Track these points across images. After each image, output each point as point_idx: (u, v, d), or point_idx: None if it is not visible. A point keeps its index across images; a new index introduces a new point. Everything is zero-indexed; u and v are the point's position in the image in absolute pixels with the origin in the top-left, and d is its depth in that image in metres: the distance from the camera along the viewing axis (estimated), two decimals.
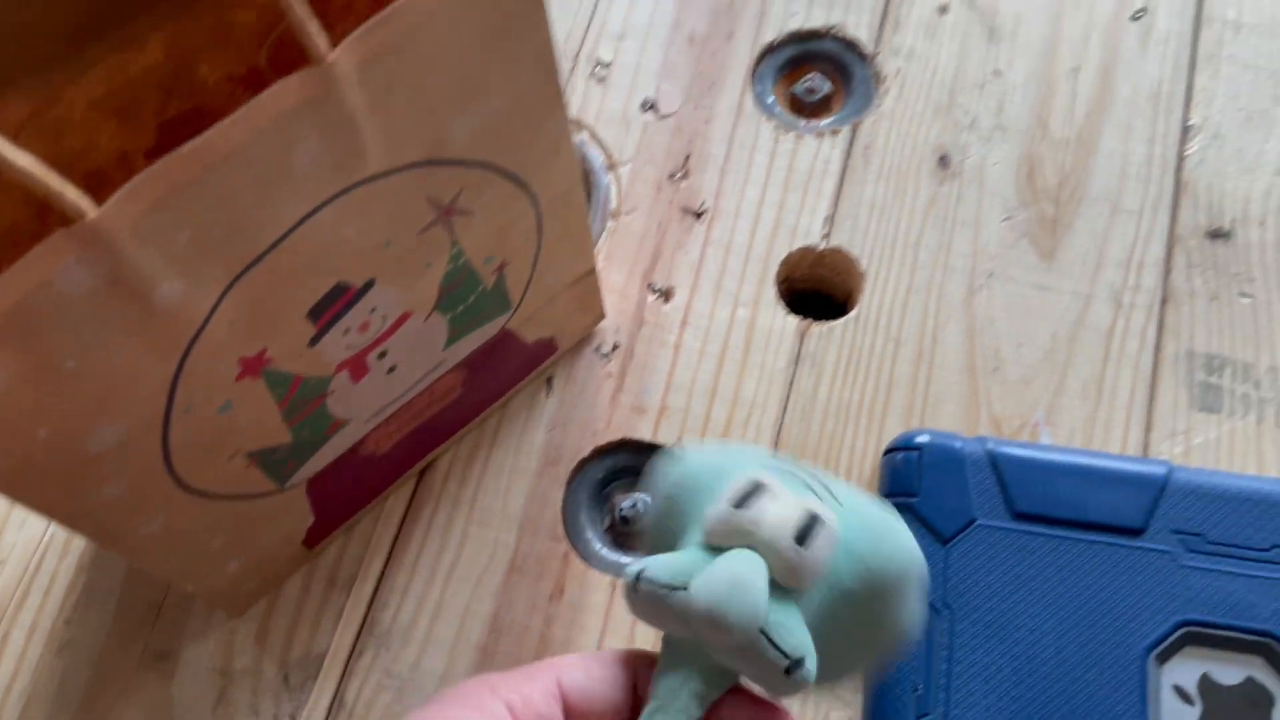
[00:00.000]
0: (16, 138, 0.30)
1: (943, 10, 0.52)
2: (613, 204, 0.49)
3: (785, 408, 0.45)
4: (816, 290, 0.49)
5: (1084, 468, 0.41)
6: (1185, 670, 0.39)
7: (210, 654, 0.42)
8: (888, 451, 0.43)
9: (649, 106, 0.50)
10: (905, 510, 0.41)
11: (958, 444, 0.41)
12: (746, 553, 0.25)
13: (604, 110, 0.50)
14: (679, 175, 0.49)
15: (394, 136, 0.28)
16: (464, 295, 0.36)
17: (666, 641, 0.27)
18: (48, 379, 0.26)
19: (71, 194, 0.23)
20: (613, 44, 0.52)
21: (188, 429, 0.31)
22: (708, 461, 0.28)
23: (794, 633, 0.25)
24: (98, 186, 0.27)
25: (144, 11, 0.31)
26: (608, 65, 0.52)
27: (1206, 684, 0.39)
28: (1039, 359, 0.45)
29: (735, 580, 0.24)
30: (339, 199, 0.29)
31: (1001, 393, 0.44)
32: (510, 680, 0.27)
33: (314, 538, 0.42)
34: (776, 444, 0.44)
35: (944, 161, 0.49)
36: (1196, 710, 0.38)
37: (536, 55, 0.30)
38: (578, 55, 0.52)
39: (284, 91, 0.25)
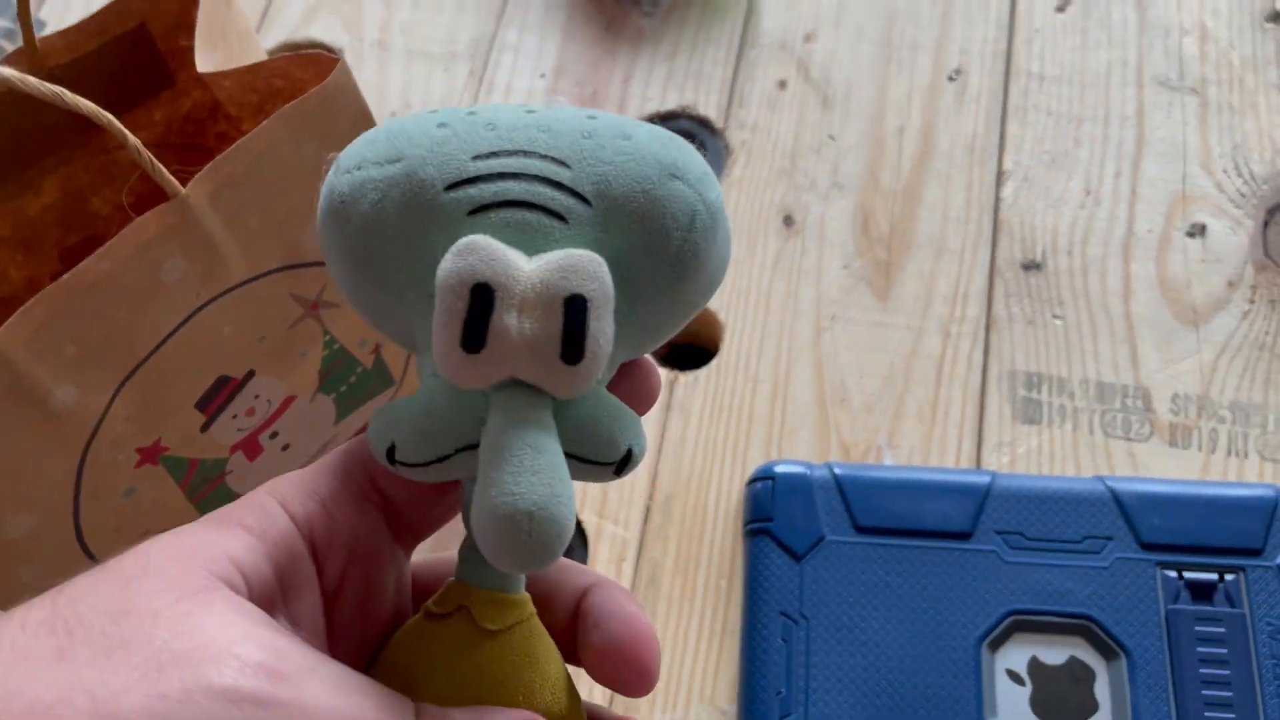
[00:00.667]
0: None
1: (781, 85, 0.58)
2: None
3: (659, 451, 0.50)
4: (690, 343, 0.54)
5: (917, 482, 0.46)
6: (1015, 655, 0.43)
7: None
8: (749, 481, 0.48)
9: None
10: (764, 534, 0.46)
11: (806, 470, 0.46)
12: (516, 423, 0.21)
13: None
14: None
15: (253, 249, 0.33)
16: (344, 376, 0.41)
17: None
18: None
19: None
20: None
21: (97, 514, 0.36)
22: (425, 152, 0.22)
23: (603, 434, 0.22)
24: (8, 311, 0.32)
25: (40, 159, 0.36)
26: None
27: (1035, 665, 0.43)
28: (879, 388, 0.50)
29: (532, 512, 0.20)
30: (211, 305, 0.34)
31: (848, 421, 0.50)
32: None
33: None
34: (653, 485, 0.49)
35: (788, 220, 0.54)
36: (1027, 690, 0.43)
37: None
38: None
39: (146, 223, 0.30)
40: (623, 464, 0.22)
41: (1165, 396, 0.49)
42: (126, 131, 0.27)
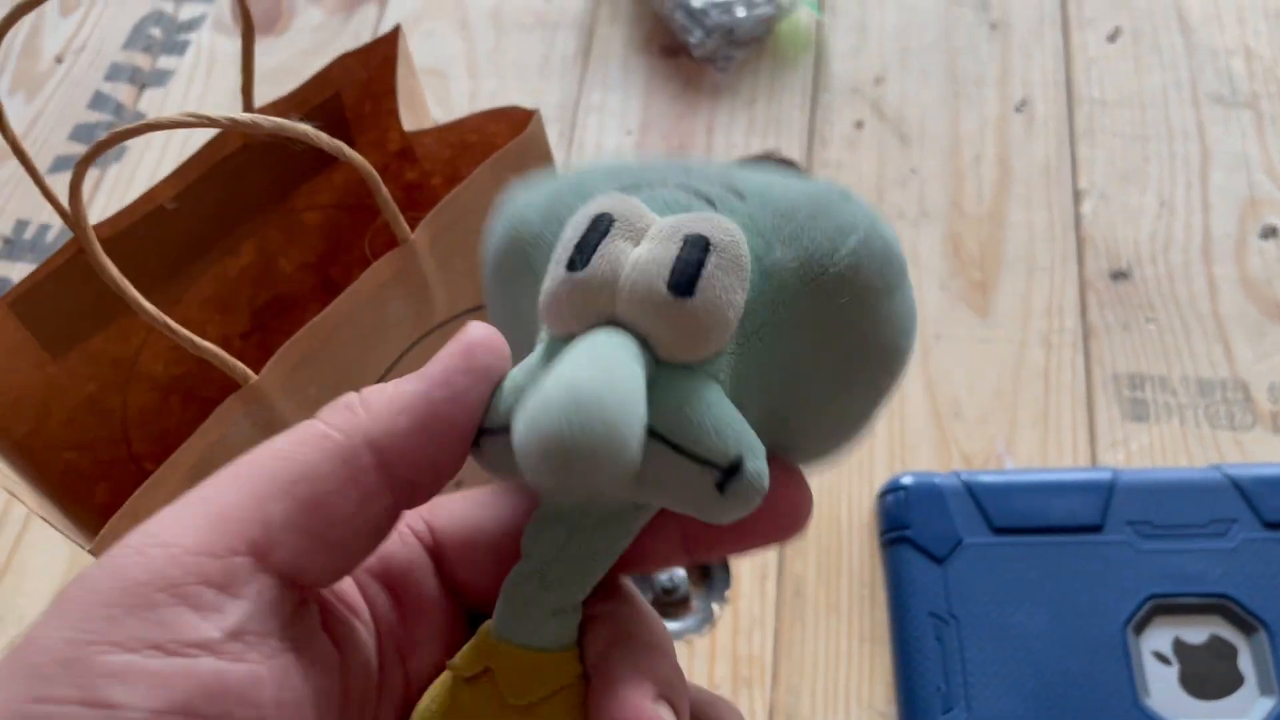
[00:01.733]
0: (151, 331, 0.37)
1: (858, 125, 0.61)
2: None
3: None
4: None
5: (1045, 483, 0.48)
6: (1159, 637, 0.45)
7: None
8: (880, 494, 0.50)
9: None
10: (903, 542, 0.48)
11: (937, 480, 0.49)
12: (599, 335, 0.17)
13: None
14: None
15: (455, 291, 0.36)
16: None
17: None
18: None
19: (239, 365, 0.30)
20: None
21: None
22: (542, 200, 0.20)
23: (709, 422, 0.17)
24: (204, 367, 0.34)
25: (236, 226, 0.39)
26: None
27: (1179, 645, 0.45)
28: (991, 400, 0.53)
29: (575, 391, 0.15)
30: (416, 345, 0.36)
31: (965, 433, 0.52)
32: None
33: None
34: None
35: None
36: (1175, 669, 0.45)
37: None
38: None
39: (381, 268, 0.32)
40: (730, 474, 0.17)
41: (1263, 387, 0.52)
42: (380, 181, 0.30)
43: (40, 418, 0.35)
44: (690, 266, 0.17)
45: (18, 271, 0.59)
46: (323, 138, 0.27)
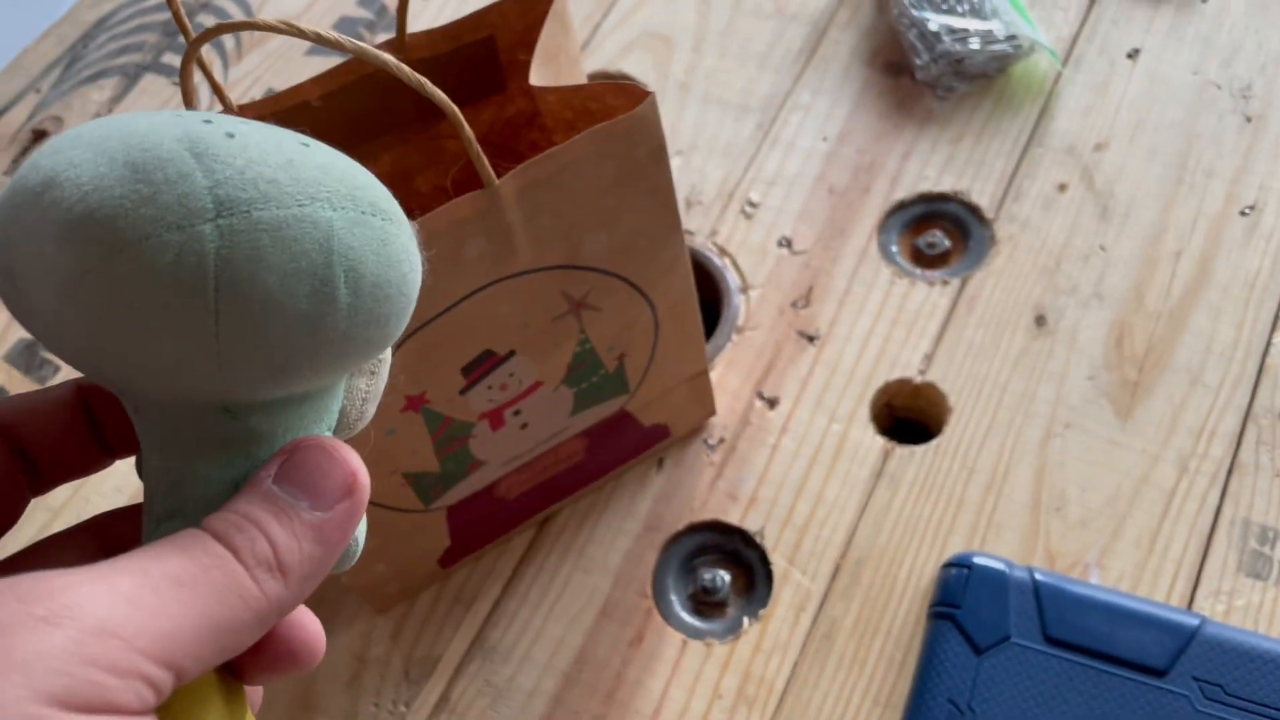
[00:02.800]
0: None
1: (1061, 188, 0.57)
2: (740, 321, 0.56)
3: (861, 513, 0.51)
4: (913, 419, 0.55)
5: (1120, 606, 0.45)
6: None
7: (352, 641, 0.51)
8: (944, 565, 0.48)
9: (785, 243, 0.58)
10: (948, 619, 0.46)
11: (1005, 567, 0.46)
12: None
13: (746, 242, 0.59)
14: (801, 304, 0.57)
15: (540, 244, 0.37)
16: (588, 375, 0.44)
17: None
18: None
19: None
20: (763, 188, 0.60)
21: (359, 443, 0.40)
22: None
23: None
24: None
25: (381, 135, 0.42)
26: (755, 205, 0.60)
27: None
28: (1100, 505, 0.49)
29: None
30: (494, 285, 0.38)
31: (1060, 530, 0.49)
32: None
33: (448, 560, 0.51)
34: (848, 545, 0.50)
35: (1040, 320, 0.54)
36: None
37: (659, 194, 0.39)
38: (732, 194, 0.60)
39: (460, 204, 0.34)
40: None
41: None
42: (465, 123, 0.31)
43: None
44: None
45: None
46: (404, 69, 0.29)
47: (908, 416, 0.55)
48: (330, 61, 0.69)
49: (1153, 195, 0.56)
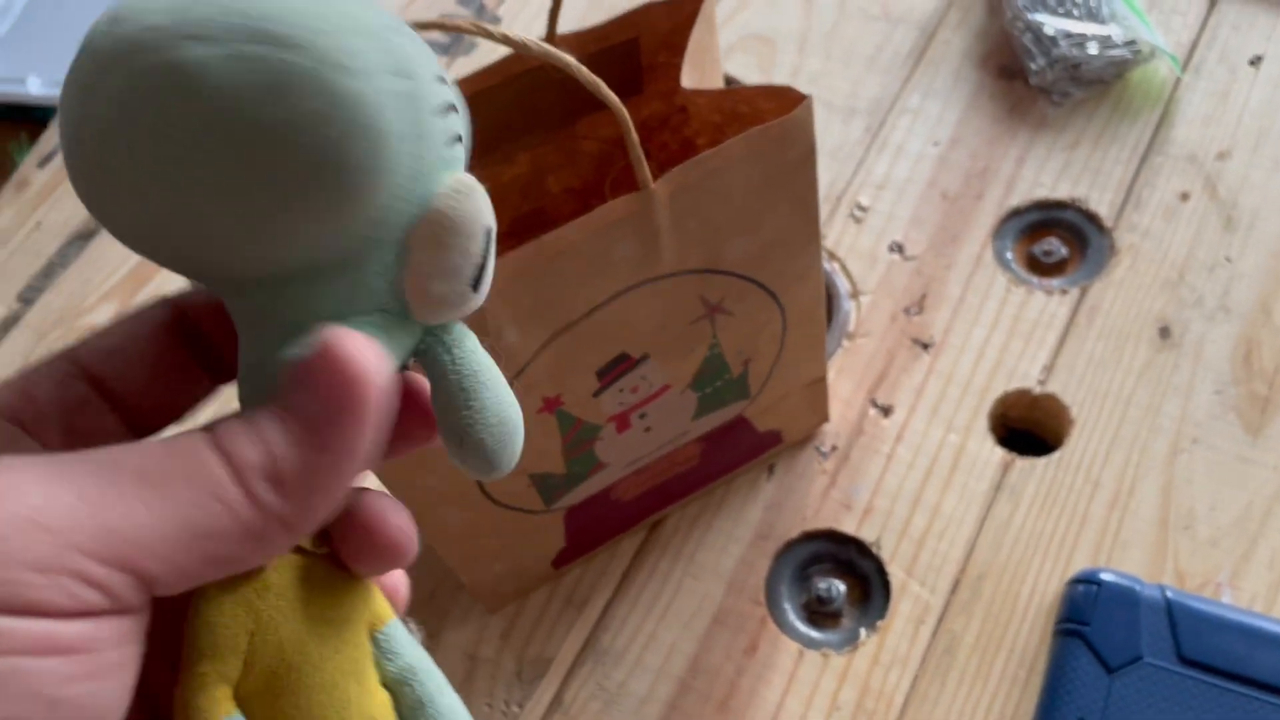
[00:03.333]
0: None
1: (1184, 197, 0.56)
2: (851, 326, 0.55)
3: (980, 527, 0.49)
4: (1028, 430, 0.54)
5: (1260, 629, 0.43)
6: None
7: (465, 640, 0.50)
8: (1071, 582, 0.47)
9: (896, 248, 0.57)
10: (1077, 637, 0.44)
11: (1137, 586, 0.45)
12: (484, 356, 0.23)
13: (856, 246, 0.58)
14: (914, 310, 0.56)
15: (684, 248, 0.37)
16: (714, 379, 0.44)
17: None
18: None
19: None
20: (873, 192, 0.59)
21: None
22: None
23: None
24: None
25: (519, 137, 0.42)
26: (865, 209, 0.59)
27: None
28: (1231, 524, 0.47)
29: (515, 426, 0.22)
30: (637, 288, 0.37)
31: (1189, 549, 0.47)
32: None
33: (562, 560, 0.50)
34: (968, 559, 0.49)
35: (1164, 332, 0.53)
36: None
37: (803, 202, 0.38)
38: (840, 198, 0.60)
39: (615, 207, 0.34)
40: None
41: None
42: (630, 123, 0.31)
43: None
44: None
45: None
46: (583, 72, 0.28)
47: (1023, 427, 0.54)
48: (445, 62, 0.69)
49: (1279, 206, 0.55)
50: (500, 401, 0.22)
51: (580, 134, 0.42)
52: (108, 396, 0.23)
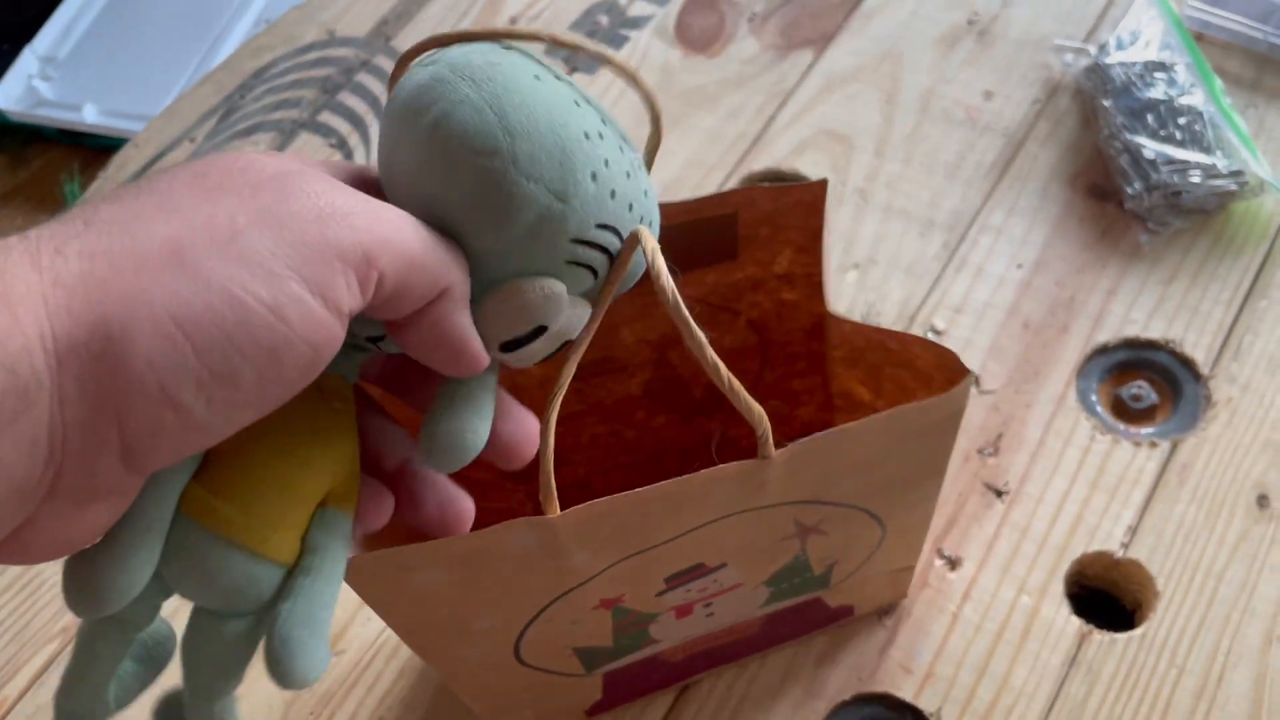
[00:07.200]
0: None
1: None
2: None
3: (1051, 707, 0.44)
4: (1106, 591, 0.48)
5: None
6: None
7: None
8: None
9: (973, 380, 0.52)
10: None
11: None
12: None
13: None
14: (988, 451, 0.50)
15: (792, 485, 0.31)
16: (792, 578, 0.38)
17: None
18: (470, 588, 0.31)
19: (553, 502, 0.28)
20: (949, 314, 0.54)
21: (542, 629, 0.35)
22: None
23: None
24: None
25: None
26: (940, 332, 0.54)
27: None
28: None
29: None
30: (730, 517, 0.32)
31: None
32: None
33: (595, 710, 0.46)
34: None
35: (1263, 501, 0.47)
36: None
37: (936, 452, 0.33)
38: (914, 317, 0.54)
39: (728, 471, 0.29)
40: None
41: None
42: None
43: None
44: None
45: None
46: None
47: (1098, 585, 0.49)
48: None
49: None
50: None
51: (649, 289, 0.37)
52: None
